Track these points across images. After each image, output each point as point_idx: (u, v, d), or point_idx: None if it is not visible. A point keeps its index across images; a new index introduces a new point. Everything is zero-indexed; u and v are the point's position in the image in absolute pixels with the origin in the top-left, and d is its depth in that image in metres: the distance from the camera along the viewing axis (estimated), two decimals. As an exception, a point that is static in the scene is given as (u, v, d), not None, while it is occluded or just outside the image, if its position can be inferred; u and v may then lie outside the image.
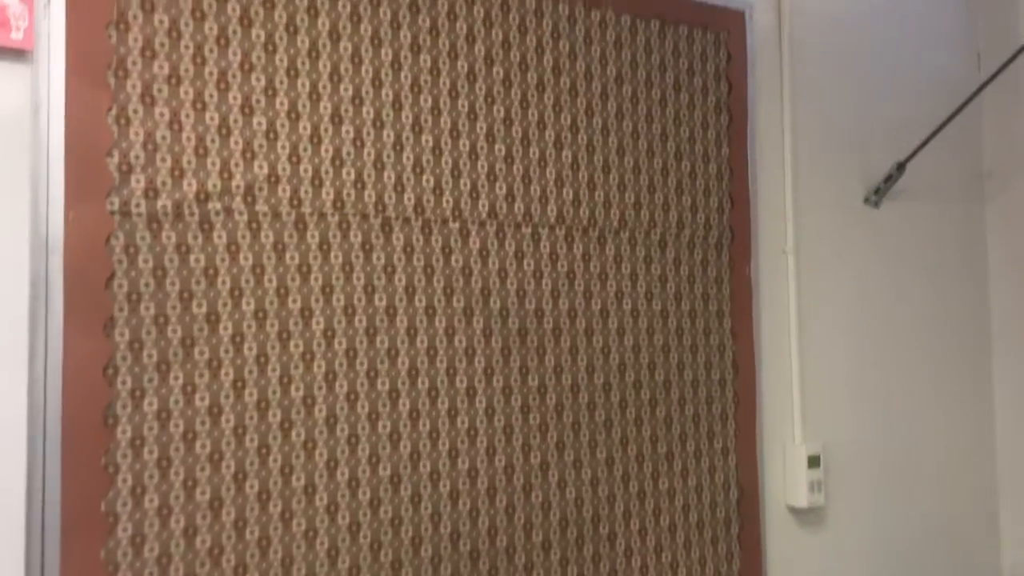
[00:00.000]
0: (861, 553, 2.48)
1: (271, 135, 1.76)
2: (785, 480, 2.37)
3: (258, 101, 1.75)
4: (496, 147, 2.01)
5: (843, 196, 2.56)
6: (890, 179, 2.56)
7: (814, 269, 2.48)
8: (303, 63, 1.80)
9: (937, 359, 2.69)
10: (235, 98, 1.73)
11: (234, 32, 1.73)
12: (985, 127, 2.82)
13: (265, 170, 1.75)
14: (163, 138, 1.66)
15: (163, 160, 1.66)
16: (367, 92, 1.86)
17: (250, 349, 1.73)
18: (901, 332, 2.63)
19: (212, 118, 1.71)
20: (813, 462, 2.36)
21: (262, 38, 1.76)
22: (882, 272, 2.61)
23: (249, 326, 1.73)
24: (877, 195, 2.58)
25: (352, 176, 1.84)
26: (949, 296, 2.73)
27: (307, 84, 1.80)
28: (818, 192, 2.50)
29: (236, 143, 1.73)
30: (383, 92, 1.88)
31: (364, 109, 1.86)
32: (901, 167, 2.54)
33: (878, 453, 2.54)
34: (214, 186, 1.70)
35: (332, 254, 1.82)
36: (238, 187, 1.73)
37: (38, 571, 1.52)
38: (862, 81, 2.60)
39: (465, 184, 1.97)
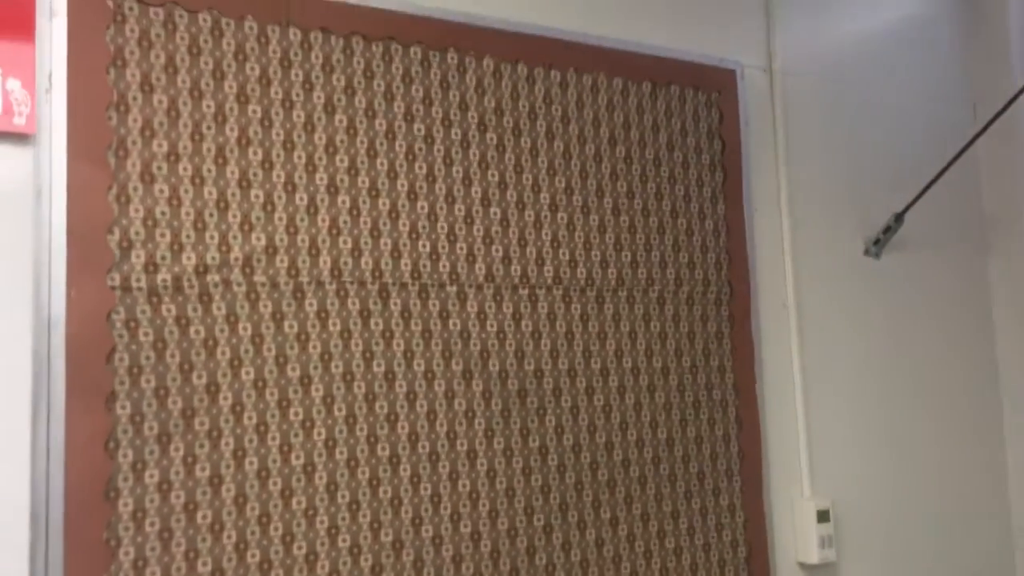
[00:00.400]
0: (876, 609, 2.45)
1: (268, 207, 1.80)
2: (795, 536, 2.35)
3: (255, 175, 1.80)
4: (491, 211, 2.04)
5: (842, 248, 2.58)
6: (889, 230, 2.57)
7: (816, 322, 2.48)
8: (299, 136, 1.84)
9: (945, 408, 2.67)
10: (233, 172, 1.78)
11: (231, 109, 1.78)
12: (983, 175, 2.84)
13: (263, 241, 1.79)
14: (162, 214, 1.70)
15: (162, 235, 1.70)
16: (362, 162, 1.90)
17: (250, 418, 1.75)
18: (907, 382, 2.62)
19: (211, 192, 1.75)
20: (823, 516, 2.33)
21: (259, 114, 1.81)
22: (885, 323, 2.61)
23: (249, 395, 1.75)
24: (877, 246, 2.59)
25: (349, 244, 1.88)
26: (954, 344, 2.72)
27: (303, 156, 1.84)
28: (817, 245, 2.52)
29: (234, 216, 1.77)
30: (378, 162, 1.92)
31: (360, 179, 1.90)
32: (899, 217, 2.56)
33: (889, 505, 2.51)
34: (213, 259, 1.74)
35: (330, 322, 1.84)
36: (236, 259, 1.76)
37: (40, 647, 1.53)
38: (857, 133, 2.63)
39: (461, 248, 2.00)
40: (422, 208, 1.96)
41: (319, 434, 1.80)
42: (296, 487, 1.77)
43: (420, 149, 1.97)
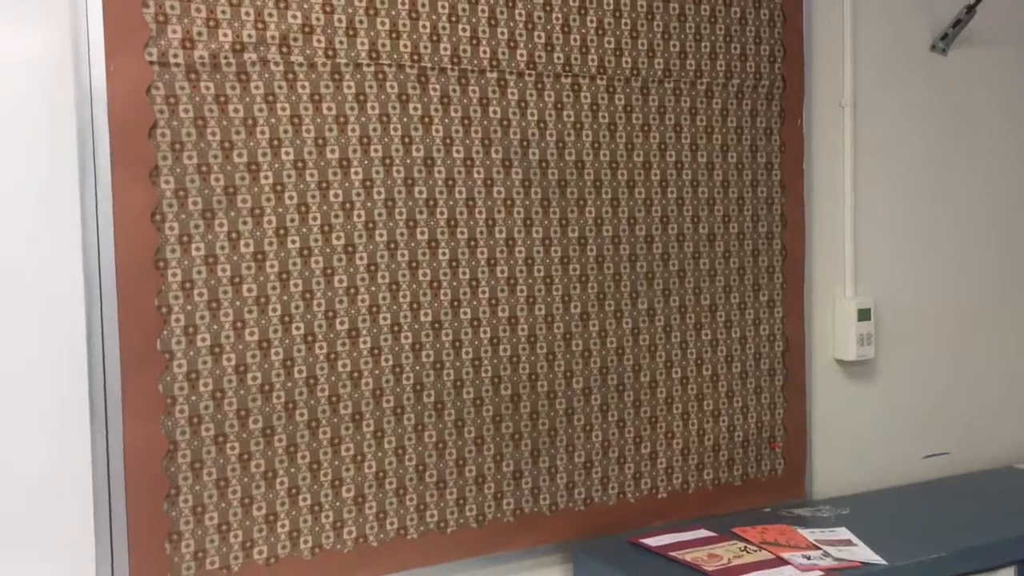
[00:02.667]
0: (910, 406, 2.48)
1: (303, -16, 1.77)
2: (834, 333, 2.37)
3: (289, -51, 1.76)
4: (534, -6, 1.98)
5: (907, 43, 2.45)
6: (959, 23, 2.44)
7: (873, 120, 2.40)
8: (333, -91, 1.79)
9: (1002, 215, 2.61)
10: (266, -54, 1.74)
11: None
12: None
13: (299, 20, 1.77)
14: (196, -12, 1.69)
15: (198, 10, 1.69)
16: (399, -62, 1.84)
17: (291, 198, 1.78)
18: (966, 187, 2.55)
19: (244, -33, 1.72)
20: (863, 315, 2.34)
21: None
22: (948, 123, 2.52)
23: (289, 175, 1.78)
24: (944, 41, 2.47)
25: (387, 26, 1.85)
26: (1022, 147, 2.62)
27: (338, -69, 1.79)
28: (879, 39, 2.40)
29: (269, -7, 1.75)
30: (415, -62, 1.86)
31: (397, -44, 1.84)
32: (970, 9, 2.41)
33: (932, 308, 2.51)
34: (249, 36, 1.73)
35: (368, 105, 1.84)
36: (273, 37, 1.75)
37: (102, 405, 1.64)
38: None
39: (502, 33, 1.95)
40: (462, -11, 1.91)
41: (359, 216, 1.84)
42: (338, 267, 1.82)
43: (459, -74, 1.90)
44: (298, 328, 1.79)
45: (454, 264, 1.93)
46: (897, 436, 2.47)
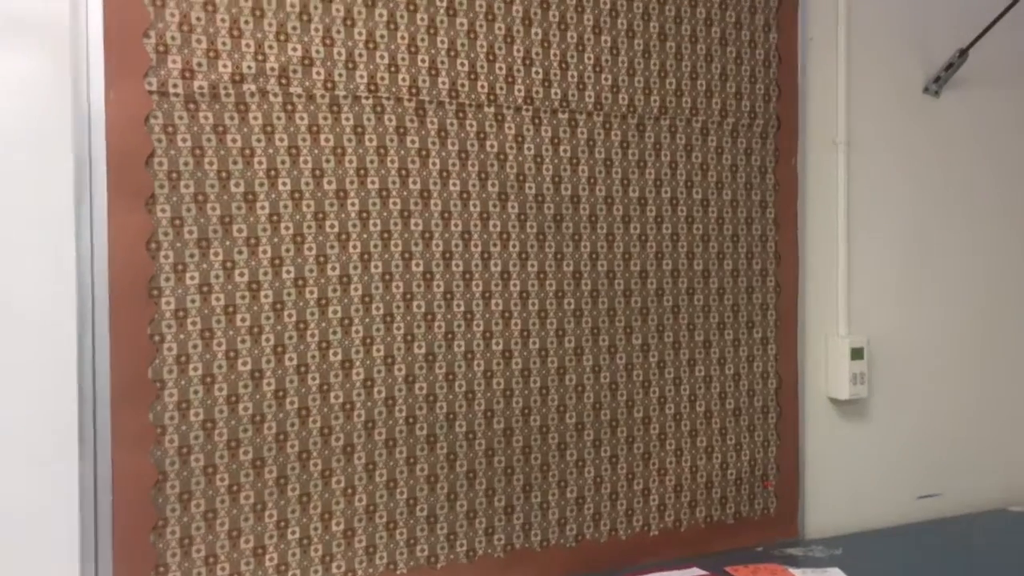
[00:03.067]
0: (903, 446, 2.47)
1: (304, 17, 1.78)
2: (827, 372, 2.36)
3: (291, -17, 1.77)
4: (532, 31, 1.99)
5: (900, 85, 2.48)
6: (951, 67, 2.46)
7: (867, 161, 2.42)
8: (335, -56, 1.80)
9: (994, 255, 2.62)
10: (268, -21, 1.75)
11: (265, -87, 1.75)
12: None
13: (299, 52, 1.78)
14: (198, 19, 1.70)
15: (198, 41, 1.70)
16: (400, -26, 1.86)
17: (287, 228, 1.78)
18: (958, 228, 2.56)
19: None
20: (857, 354, 2.34)
21: (294, -81, 1.77)
22: (941, 165, 2.54)
23: (286, 206, 1.78)
24: (937, 84, 2.49)
25: (386, 59, 1.86)
26: (1012, 190, 2.64)
27: (339, -34, 1.81)
28: (873, 80, 2.42)
29: (270, 25, 1.76)
30: (416, -26, 1.88)
31: (397, -9, 1.86)
32: (963, 53, 2.44)
33: (925, 348, 2.51)
34: (249, 68, 1.74)
35: (367, 137, 1.85)
36: (272, 69, 1.76)
37: (91, 433, 1.63)
38: (924, -39, 2.49)
39: (500, 68, 1.96)
40: (461, 25, 1.92)
41: (354, 247, 1.84)
42: (332, 297, 1.82)
43: (460, -37, 1.92)
44: (291, 359, 1.79)
45: (448, 296, 1.92)
46: (890, 476, 2.46)
